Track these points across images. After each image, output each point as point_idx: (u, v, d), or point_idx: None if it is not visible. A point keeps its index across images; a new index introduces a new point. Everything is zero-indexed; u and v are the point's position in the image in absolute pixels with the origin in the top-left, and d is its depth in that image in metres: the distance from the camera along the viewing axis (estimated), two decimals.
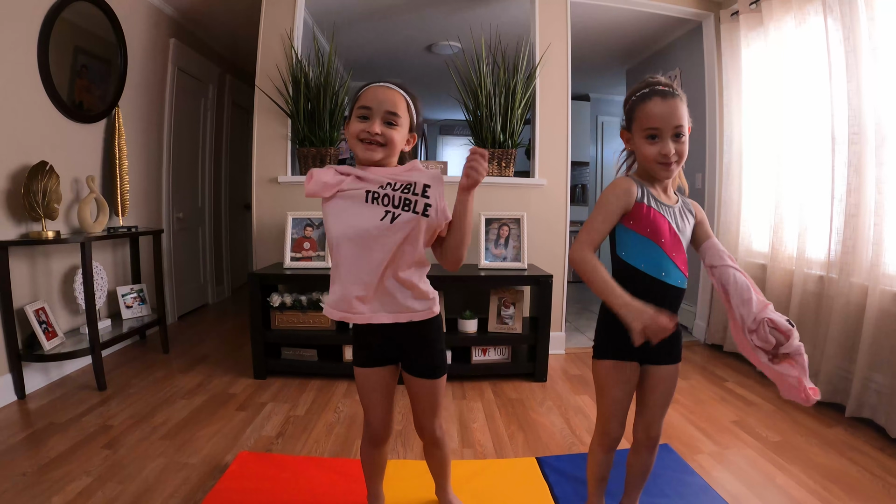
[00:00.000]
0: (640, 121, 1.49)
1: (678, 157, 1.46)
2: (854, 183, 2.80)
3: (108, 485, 2.01)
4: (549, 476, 2.12)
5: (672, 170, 1.48)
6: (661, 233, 1.49)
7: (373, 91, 1.47)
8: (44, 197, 2.87)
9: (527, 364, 3.35)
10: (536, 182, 3.82)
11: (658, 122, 1.45)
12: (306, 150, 3.62)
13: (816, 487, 2.10)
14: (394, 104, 1.47)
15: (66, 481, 2.02)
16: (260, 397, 2.95)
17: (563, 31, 3.89)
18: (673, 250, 1.50)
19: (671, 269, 1.50)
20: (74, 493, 1.94)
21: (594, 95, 7.47)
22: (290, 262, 3.38)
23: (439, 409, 1.66)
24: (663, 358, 1.59)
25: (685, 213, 1.57)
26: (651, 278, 1.49)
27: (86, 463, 2.17)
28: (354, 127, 1.47)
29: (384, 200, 1.42)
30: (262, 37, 3.72)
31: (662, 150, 1.45)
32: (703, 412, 2.86)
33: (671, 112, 1.44)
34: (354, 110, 1.49)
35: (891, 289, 2.63)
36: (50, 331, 2.96)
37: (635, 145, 1.53)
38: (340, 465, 2.18)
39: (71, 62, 3.27)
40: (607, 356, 1.58)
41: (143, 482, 2.04)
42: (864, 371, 2.68)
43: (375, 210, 1.41)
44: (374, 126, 1.44)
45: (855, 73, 2.78)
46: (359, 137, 1.46)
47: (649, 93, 1.47)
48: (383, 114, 1.45)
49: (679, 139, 1.46)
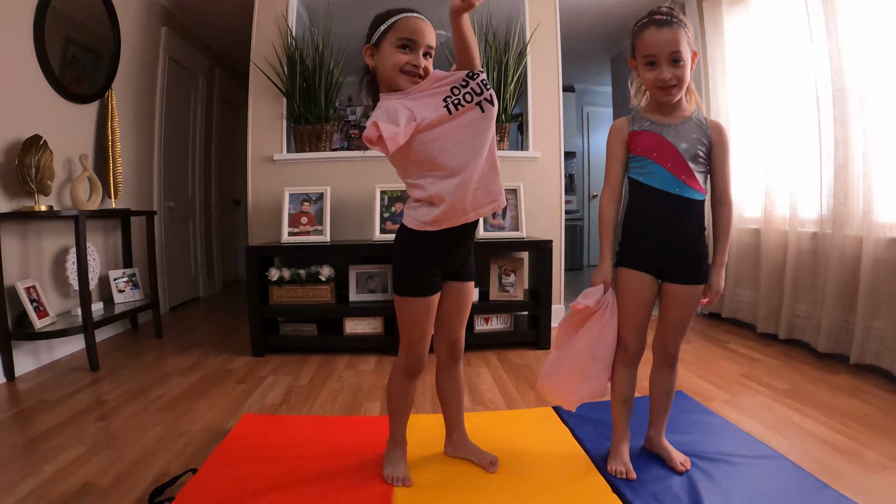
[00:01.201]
0: (639, 49, 1.58)
1: (677, 81, 1.53)
2: (841, 137, 2.86)
3: (104, 452, 1.92)
4: (568, 421, 2.09)
5: (672, 93, 1.56)
6: (651, 147, 1.60)
7: (414, 22, 1.49)
8: (37, 172, 2.81)
9: (529, 332, 3.34)
10: (531, 155, 3.83)
11: (654, 48, 1.53)
12: (302, 127, 3.60)
13: (835, 424, 2.09)
14: (432, 38, 1.51)
15: (58, 451, 1.94)
16: (259, 371, 2.88)
17: (552, 11, 3.93)
18: (668, 161, 1.58)
19: (666, 178, 1.59)
20: (67, 461, 1.85)
21: (579, 86, 7.49)
22: (288, 237, 3.33)
23: None
24: (682, 277, 1.64)
25: (694, 130, 1.61)
26: (648, 187, 1.61)
27: (79, 434, 2.08)
28: (399, 58, 1.47)
29: (465, 98, 1.44)
30: (257, 17, 3.72)
31: (660, 76, 1.53)
32: (710, 369, 2.86)
33: (667, 39, 1.51)
34: (391, 39, 1.48)
35: (884, 236, 2.68)
36: (41, 310, 2.88)
37: (640, 72, 1.62)
38: (351, 421, 2.13)
39: (62, 51, 3.22)
40: (625, 265, 1.68)
41: (142, 448, 1.96)
42: (864, 319, 2.72)
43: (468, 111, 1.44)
44: (419, 59, 1.48)
45: (834, 35, 2.86)
46: (403, 69, 1.47)
47: (647, 22, 1.56)
48: (425, 47, 1.49)
49: (677, 64, 1.52)
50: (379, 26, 1.51)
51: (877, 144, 2.69)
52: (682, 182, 1.57)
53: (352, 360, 3.06)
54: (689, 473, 1.69)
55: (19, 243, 2.93)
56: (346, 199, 3.62)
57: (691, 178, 1.58)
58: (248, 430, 2.03)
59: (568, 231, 6.83)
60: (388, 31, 1.49)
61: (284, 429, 2.05)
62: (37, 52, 3.00)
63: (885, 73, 2.64)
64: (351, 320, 3.20)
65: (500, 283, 3.27)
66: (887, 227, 2.68)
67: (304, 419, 2.16)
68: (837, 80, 2.86)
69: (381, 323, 3.20)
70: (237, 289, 6.13)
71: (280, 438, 1.97)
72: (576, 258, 7.33)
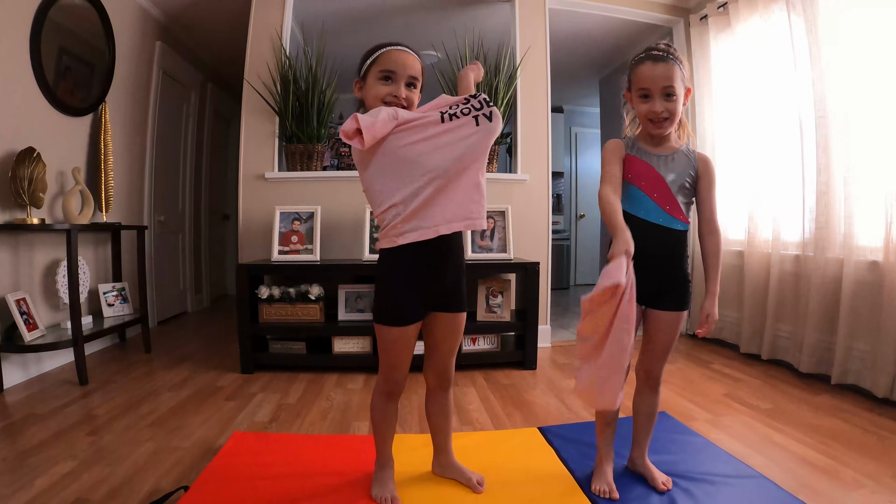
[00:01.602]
0: (635, 81, 1.65)
1: (669, 115, 1.60)
2: (823, 163, 2.97)
3: (95, 468, 1.93)
4: (553, 441, 2.13)
5: (664, 126, 1.63)
6: (641, 176, 1.65)
7: (395, 55, 1.55)
8: (30, 184, 2.83)
9: (516, 353, 3.39)
10: (519, 177, 3.89)
11: (648, 82, 1.60)
12: (293, 146, 3.64)
13: (815, 443, 2.17)
14: (415, 69, 1.57)
15: (49, 465, 1.94)
16: (249, 388, 2.90)
17: (542, 36, 4.03)
18: (654, 191, 1.64)
19: (650, 208, 1.64)
20: (59, 476, 1.86)
21: (568, 107, 7.61)
22: (278, 255, 3.36)
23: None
24: (665, 304, 1.69)
25: (682, 162, 1.67)
26: (635, 217, 1.64)
27: (70, 448, 2.09)
28: (380, 90, 1.53)
29: (463, 111, 1.47)
30: (251, 36, 3.76)
31: (652, 108, 1.60)
32: (694, 389, 2.93)
33: (662, 74, 1.58)
34: (374, 72, 1.55)
35: (864, 259, 2.78)
36: (31, 322, 2.89)
37: (634, 105, 1.68)
38: (341, 441, 2.16)
39: (56, 62, 3.25)
40: None
41: (133, 464, 1.97)
42: (845, 340, 2.82)
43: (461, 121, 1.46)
44: (400, 90, 1.53)
45: (818, 62, 2.98)
46: (384, 100, 1.52)
47: (644, 57, 1.63)
48: (407, 77, 1.54)
49: (670, 98, 1.59)
50: (366, 60, 1.59)
51: (857, 170, 2.81)
52: (666, 213, 1.63)
53: (340, 378, 3.09)
54: (670, 493, 1.74)
55: (10, 255, 2.94)
56: (336, 218, 3.65)
57: (676, 209, 1.64)
58: (238, 448, 2.06)
59: (555, 250, 6.92)
60: (372, 65, 1.57)
61: (275, 447, 2.07)
62: (32, 64, 3.02)
63: (865, 100, 2.76)
64: (340, 339, 3.22)
65: (488, 304, 3.32)
66: (867, 250, 2.79)
67: (294, 437, 2.19)
68: (820, 107, 2.98)
69: (369, 342, 3.23)
70: (225, 304, 6.12)
71: (270, 457, 1.99)
72: (562, 278, 7.41)
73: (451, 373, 1.78)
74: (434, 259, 1.57)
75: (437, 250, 1.56)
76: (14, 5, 2.91)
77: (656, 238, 1.64)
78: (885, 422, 2.39)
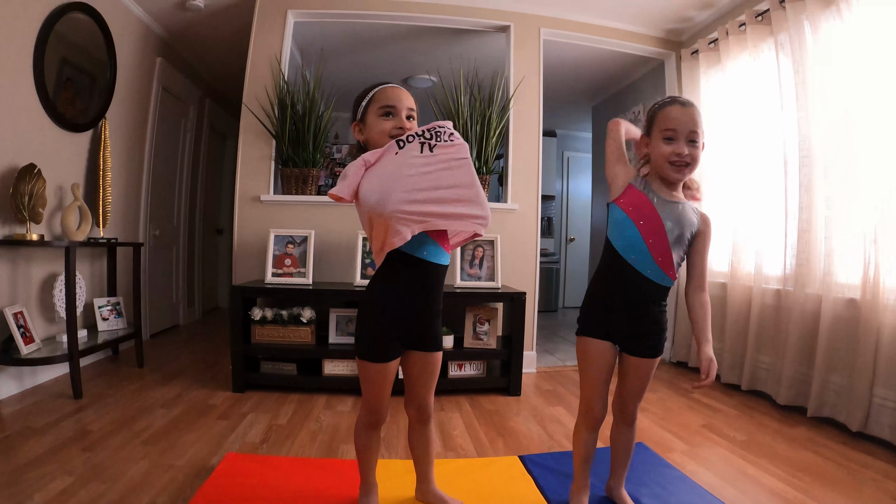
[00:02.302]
0: (659, 123, 1.67)
1: (691, 160, 1.63)
2: (805, 201, 3.09)
3: (92, 484, 1.99)
4: (533, 471, 2.21)
5: (684, 172, 1.65)
6: (640, 213, 1.66)
7: (392, 91, 1.66)
8: (30, 200, 2.90)
9: (501, 379, 3.46)
10: (509, 207, 3.98)
11: (676, 123, 1.63)
12: (289, 170, 3.72)
13: (787, 476, 2.25)
14: (411, 102, 1.68)
15: (46, 480, 1.99)
16: (240, 408, 2.96)
17: (536, 66, 4.13)
18: (651, 237, 1.65)
19: (644, 256, 1.65)
20: (56, 491, 1.92)
21: (560, 132, 7.77)
22: (272, 277, 3.44)
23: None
24: (641, 350, 1.74)
25: (686, 216, 1.68)
26: (622, 260, 1.68)
27: (66, 464, 2.14)
28: (384, 125, 1.63)
29: (409, 139, 1.56)
30: (251, 60, 3.83)
31: (677, 150, 1.62)
32: (673, 419, 3.01)
33: (690, 118, 1.62)
34: (374, 111, 1.65)
35: (842, 296, 2.89)
36: (27, 335, 2.95)
37: (652, 147, 1.70)
38: (330, 465, 2.23)
39: (57, 72, 3.31)
40: (585, 333, 1.77)
41: (129, 482, 2.03)
42: (822, 373, 2.92)
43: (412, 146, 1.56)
44: (403, 122, 1.63)
45: (804, 103, 3.10)
46: (390, 134, 1.62)
47: (671, 101, 1.68)
48: (406, 110, 1.65)
49: (693, 144, 1.63)
50: (361, 102, 1.69)
51: (838, 210, 2.92)
52: (657, 266, 1.65)
53: (329, 400, 3.16)
54: None
55: (9, 269, 3.00)
56: (329, 242, 3.74)
57: (668, 262, 1.65)
58: (231, 470, 2.13)
59: (544, 274, 7.02)
60: (369, 104, 1.67)
61: (266, 470, 2.15)
62: (35, 78, 3.09)
63: (847, 144, 2.86)
64: (330, 361, 3.29)
65: (475, 331, 3.42)
66: (846, 287, 2.89)
67: (285, 461, 2.26)
68: (804, 147, 3.10)
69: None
70: (217, 317, 6.14)
71: (262, 479, 2.07)
72: (550, 301, 7.52)
73: (430, 408, 1.83)
74: (419, 288, 1.66)
75: (420, 278, 1.65)
76: (19, 19, 2.97)
77: (642, 288, 1.68)
78: (858, 455, 2.48)
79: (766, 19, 3.43)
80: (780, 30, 3.29)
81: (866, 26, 2.74)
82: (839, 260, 2.92)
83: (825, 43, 2.99)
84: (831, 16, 2.94)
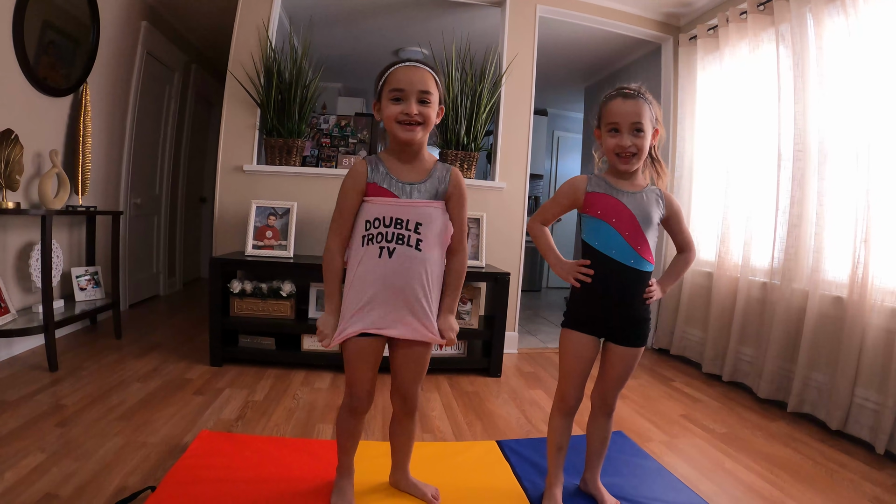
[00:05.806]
0: (604, 117, 1.71)
1: (636, 150, 1.65)
2: (797, 195, 3.05)
3: (64, 461, 1.97)
4: (510, 457, 2.21)
5: (631, 162, 1.68)
6: (610, 212, 1.69)
7: (402, 72, 1.54)
8: (6, 166, 2.82)
9: (482, 360, 3.46)
10: (496, 185, 3.95)
11: (618, 117, 1.66)
12: (274, 140, 3.65)
13: (763, 472, 2.26)
14: (425, 83, 1.54)
15: (19, 457, 1.96)
16: (217, 383, 2.94)
17: (531, 43, 4.05)
18: (626, 230, 1.68)
19: (623, 248, 1.68)
20: (28, 469, 1.89)
21: (552, 111, 7.69)
22: (252, 249, 3.39)
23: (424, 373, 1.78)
24: (624, 339, 1.75)
25: (650, 202, 1.72)
26: (603, 255, 1.70)
27: (39, 440, 2.11)
28: (391, 110, 1.54)
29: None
30: (238, 26, 3.73)
31: (620, 143, 1.65)
32: (653, 407, 3.02)
33: (631, 110, 1.64)
34: (386, 93, 1.56)
35: (829, 293, 2.88)
36: (3, 306, 2.90)
37: (602, 141, 1.74)
38: (304, 445, 2.21)
39: (39, 36, 3.19)
40: (569, 326, 1.79)
41: (101, 460, 2.00)
42: (804, 370, 2.92)
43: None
44: (411, 107, 1.52)
45: (802, 97, 3.04)
46: (397, 120, 1.54)
47: (615, 94, 1.70)
48: (417, 94, 1.53)
49: (638, 134, 1.65)
50: (379, 81, 1.60)
51: (830, 207, 2.90)
52: (637, 254, 1.67)
53: (308, 376, 3.14)
54: None
55: None
56: (311, 215, 3.68)
57: (646, 249, 1.68)
58: (204, 448, 2.10)
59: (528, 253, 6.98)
60: (384, 86, 1.57)
61: (240, 449, 2.13)
62: (14, 43, 2.98)
63: (842, 142, 2.84)
64: (309, 337, 3.27)
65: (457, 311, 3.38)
66: (833, 285, 2.88)
67: (259, 440, 2.24)
68: (800, 141, 3.06)
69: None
70: (198, 288, 6.13)
71: (235, 459, 2.05)
72: (535, 280, 7.50)
73: (415, 400, 1.77)
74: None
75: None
76: None
77: (623, 278, 1.69)
78: (836, 455, 2.48)
79: (769, 9, 3.35)
80: (782, 20, 3.23)
81: (871, 24, 2.67)
82: (828, 257, 2.90)
83: (827, 37, 2.93)
84: (835, 10, 2.88)
